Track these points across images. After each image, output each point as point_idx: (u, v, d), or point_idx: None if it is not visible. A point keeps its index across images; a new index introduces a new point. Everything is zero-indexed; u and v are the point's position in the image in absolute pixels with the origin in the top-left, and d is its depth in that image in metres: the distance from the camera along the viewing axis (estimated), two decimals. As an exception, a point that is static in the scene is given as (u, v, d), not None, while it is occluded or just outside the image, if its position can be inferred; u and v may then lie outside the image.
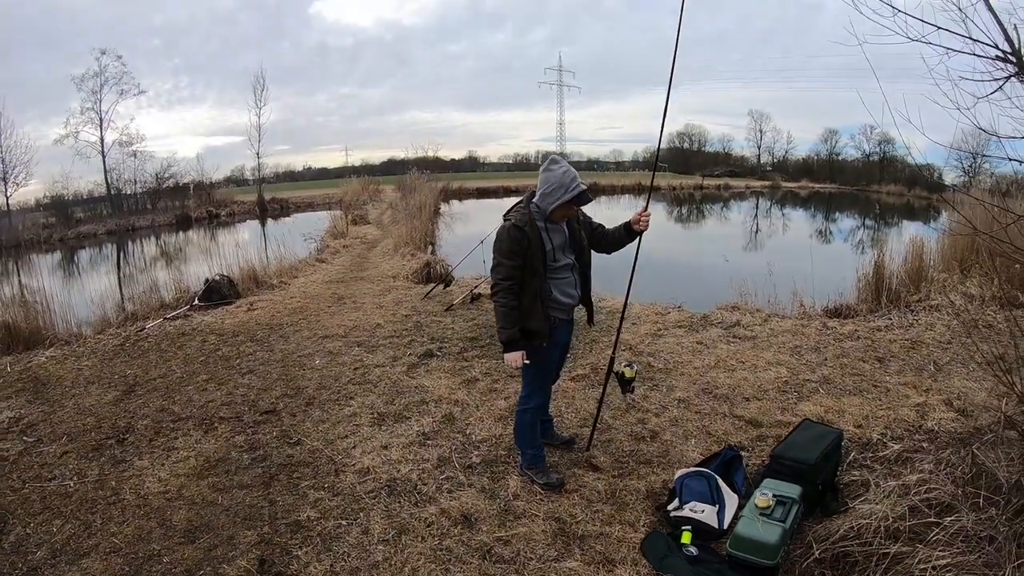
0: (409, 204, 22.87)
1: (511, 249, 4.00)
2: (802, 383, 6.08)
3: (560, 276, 4.18)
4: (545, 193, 4.03)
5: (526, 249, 3.99)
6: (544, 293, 4.08)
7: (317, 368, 7.03)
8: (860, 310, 9.12)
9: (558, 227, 4.17)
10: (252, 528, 4.02)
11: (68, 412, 6.06)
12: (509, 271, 4.01)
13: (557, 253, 4.14)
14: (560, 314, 4.25)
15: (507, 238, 4.01)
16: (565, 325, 4.38)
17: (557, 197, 3.98)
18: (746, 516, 3.53)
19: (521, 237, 3.98)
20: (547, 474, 4.40)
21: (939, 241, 11.11)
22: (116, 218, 37.32)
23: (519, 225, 4.01)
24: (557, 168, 4.02)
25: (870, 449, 4.46)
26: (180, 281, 11.97)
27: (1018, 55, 3.30)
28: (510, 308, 4.03)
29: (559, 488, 4.29)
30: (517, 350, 4.06)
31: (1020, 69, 3.30)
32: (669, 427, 5.18)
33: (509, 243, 4.00)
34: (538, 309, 4.06)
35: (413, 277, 12.68)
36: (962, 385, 5.69)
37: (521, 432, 4.47)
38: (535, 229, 4.04)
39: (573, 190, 3.95)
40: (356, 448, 5.01)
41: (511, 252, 4.00)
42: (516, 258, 4.00)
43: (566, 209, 4.08)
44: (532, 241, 4.00)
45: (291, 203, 46.30)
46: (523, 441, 4.48)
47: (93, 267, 22.64)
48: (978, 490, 3.23)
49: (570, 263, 4.23)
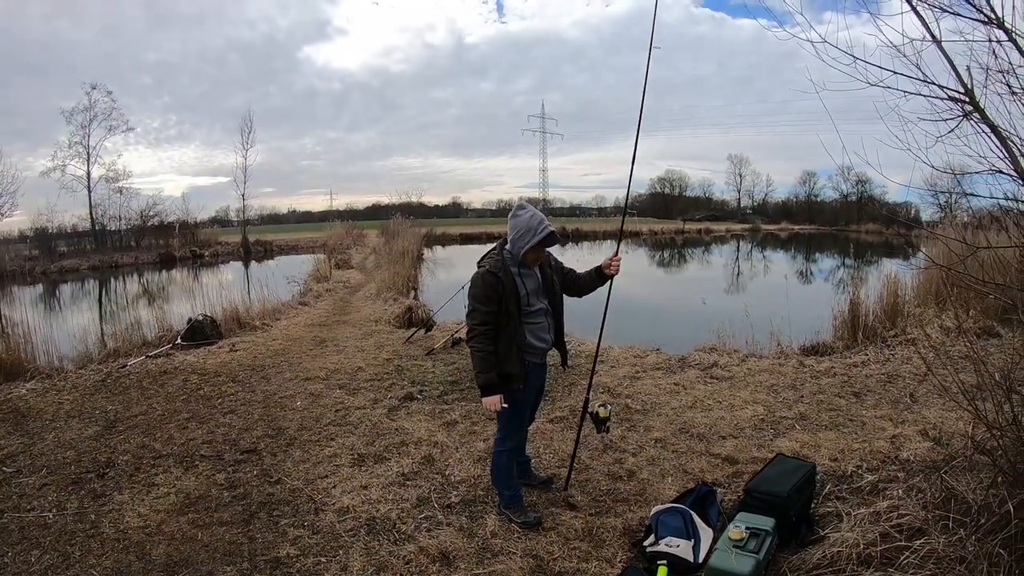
0: (392, 249, 22.96)
1: (485, 295, 4.06)
2: (778, 420, 6.17)
3: (534, 320, 4.26)
4: (515, 239, 4.13)
5: (501, 295, 4.06)
6: (519, 338, 4.14)
7: (298, 409, 7.05)
8: (837, 347, 9.26)
9: (531, 272, 4.27)
10: (232, 564, 4.02)
11: (48, 444, 6.05)
12: (484, 316, 4.07)
13: (531, 298, 4.23)
14: (534, 358, 4.34)
15: (482, 284, 4.09)
16: (538, 368, 4.47)
17: (527, 241, 4.06)
18: (720, 549, 3.58)
19: (495, 283, 4.06)
20: (525, 513, 4.40)
21: (914, 277, 11.32)
22: (99, 254, 37.40)
23: (493, 271, 4.09)
24: (524, 213, 4.13)
25: (845, 481, 4.54)
26: (163, 320, 11.93)
27: (971, 95, 3.44)
28: (486, 353, 4.07)
29: (536, 527, 4.29)
30: (495, 394, 4.08)
31: (974, 108, 3.43)
32: (646, 466, 5.23)
33: (484, 288, 4.07)
34: (514, 353, 4.12)
35: (395, 321, 12.73)
36: (937, 415, 5.78)
37: (498, 473, 4.52)
38: (508, 275, 4.12)
39: (541, 232, 4.04)
40: (336, 487, 5.02)
41: (486, 297, 4.06)
42: (491, 304, 4.06)
43: (537, 252, 4.17)
44: (506, 286, 4.07)
45: (275, 245, 46.38)
46: (500, 482, 4.52)
47: (75, 302, 22.58)
48: (948, 513, 3.32)
49: (543, 307, 4.31)
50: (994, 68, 3.31)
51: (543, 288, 4.32)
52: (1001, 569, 2.78)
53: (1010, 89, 3.28)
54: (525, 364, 4.21)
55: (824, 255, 38.86)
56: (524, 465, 4.93)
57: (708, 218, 76.77)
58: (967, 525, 3.17)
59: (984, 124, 3.38)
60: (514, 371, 4.13)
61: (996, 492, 3.20)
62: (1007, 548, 2.88)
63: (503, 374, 4.11)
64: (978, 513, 3.21)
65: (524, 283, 4.20)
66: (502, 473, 4.48)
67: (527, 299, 4.20)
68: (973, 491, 3.41)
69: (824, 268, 30.33)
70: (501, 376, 4.11)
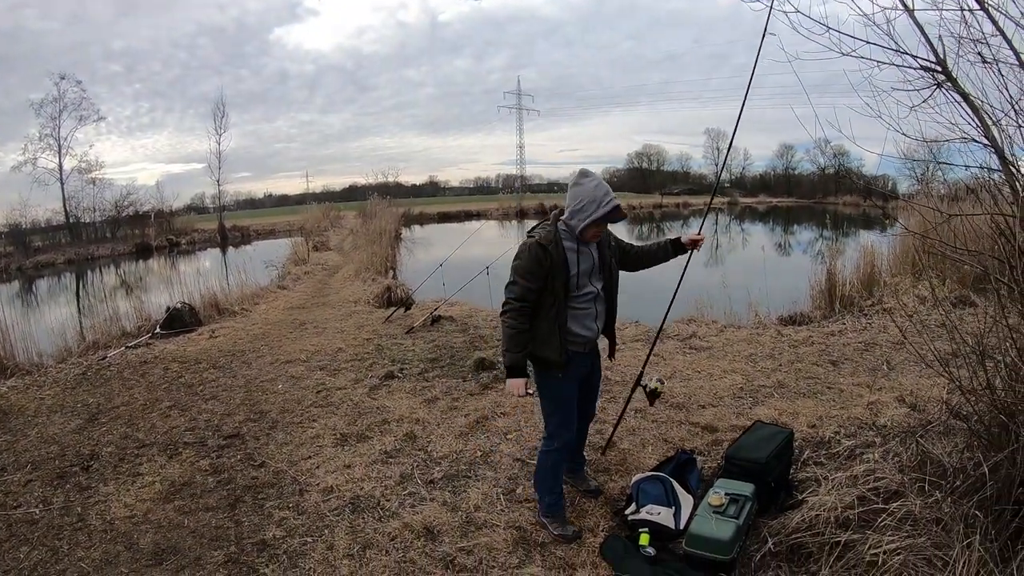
0: (370, 230, 22.98)
1: (530, 268, 3.61)
2: (757, 389, 6.25)
3: (581, 306, 3.75)
4: (576, 209, 3.60)
5: (548, 270, 3.61)
6: (561, 321, 3.69)
7: (280, 392, 7.06)
8: (814, 317, 9.37)
9: (587, 250, 3.75)
10: (219, 548, 4.04)
11: (31, 441, 6.01)
12: (524, 292, 3.63)
13: (582, 279, 3.72)
14: (576, 347, 3.82)
15: (528, 256, 3.63)
16: (583, 358, 3.93)
17: (589, 213, 3.55)
18: (700, 515, 3.64)
19: (544, 257, 3.59)
20: (564, 525, 3.97)
21: (890, 248, 11.42)
22: (75, 247, 36.82)
23: (543, 243, 3.61)
24: (588, 182, 3.61)
25: (823, 447, 4.59)
26: (141, 310, 11.89)
27: (943, 64, 3.46)
28: (519, 331, 3.65)
29: (574, 540, 3.89)
30: (521, 376, 3.67)
31: (947, 77, 3.46)
32: (626, 436, 5.29)
33: (529, 262, 3.62)
34: (555, 337, 3.68)
35: (374, 301, 12.75)
36: (914, 382, 5.86)
37: (541, 475, 4.05)
38: (560, 250, 3.63)
39: (606, 205, 3.53)
40: (320, 468, 5.05)
41: (529, 272, 3.61)
42: (535, 280, 3.62)
43: (598, 227, 3.64)
44: (555, 263, 3.60)
45: (252, 231, 46.03)
46: (540, 486, 4.06)
47: (52, 297, 22.28)
48: (924, 476, 3.36)
49: (594, 292, 3.79)
50: (966, 37, 3.33)
51: (598, 269, 3.82)
52: (977, 530, 2.81)
53: (982, 58, 3.29)
54: (567, 351, 3.75)
55: (802, 227, 39.07)
56: (578, 465, 4.51)
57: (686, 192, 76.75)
58: (943, 487, 3.21)
59: (956, 93, 3.40)
60: (553, 357, 3.72)
61: (971, 455, 3.25)
62: (982, 509, 2.92)
63: (539, 357, 3.77)
64: (953, 476, 3.25)
65: (579, 260, 3.70)
66: (545, 476, 4.02)
67: (576, 280, 3.70)
68: (949, 455, 3.46)
69: (802, 240, 30.47)
70: (537, 360, 3.80)
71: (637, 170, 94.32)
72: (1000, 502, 2.94)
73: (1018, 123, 3.19)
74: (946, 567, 2.74)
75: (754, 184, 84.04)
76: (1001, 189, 3.38)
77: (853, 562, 3.05)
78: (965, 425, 3.43)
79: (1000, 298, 3.21)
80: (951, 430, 3.79)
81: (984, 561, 2.71)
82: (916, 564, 2.82)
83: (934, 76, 3.47)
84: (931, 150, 3.93)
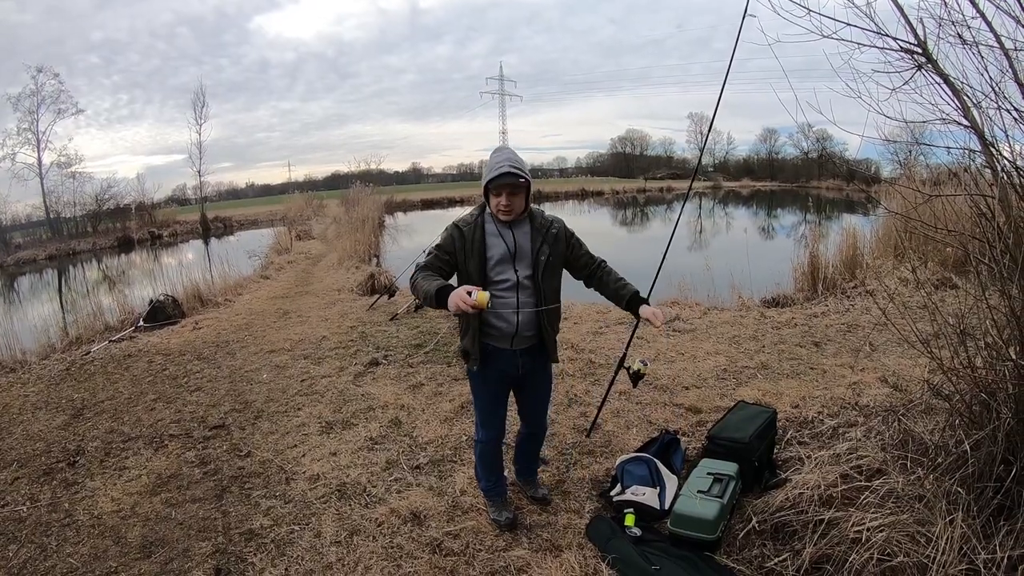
0: (353, 218, 22.89)
1: (440, 244, 3.51)
2: (740, 370, 6.30)
3: (497, 294, 3.45)
4: (482, 183, 3.47)
5: (458, 250, 3.45)
6: None
7: (264, 382, 7.04)
8: (797, 299, 9.44)
9: (511, 234, 3.48)
10: (207, 539, 4.03)
11: (16, 438, 5.95)
12: (429, 261, 3.46)
13: (500, 265, 3.47)
14: (494, 341, 3.59)
15: (443, 234, 3.54)
16: (507, 355, 3.62)
17: (483, 182, 3.41)
18: (685, 495, 3.66)
19: (457, 236, 3.45)
20: (500, 510, 3.96)
21: (872, 231, 11.51)
22: (56, 242, 36.39)
23: (458, 224, 3.50)
24: (492, 156, 3.47)
25: (806, 427, 4.64)
26: (124, 303, 11.76)
27: (923, 46, 3.47)
28: (424, 276, 3.33)
29: (508, 528, 3.87)
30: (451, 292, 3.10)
31: (927, 59, 3.46)
32: (611, 418, 5.32)
33: (441, 240, 3.52)
34: (471, 328, 3.55)
35: (358, 289, 12.73)
36: (896, 363, 5.92)
37: (476, 461, 4.07)
38: (479, 231, 3.45)
39: (497, 169, 3.31)
40: (306, 456, 5.04)
41: (439, 247, 3.50)
42: (443, 253, 3.47)
43: (498, 197, 3.36)
44: (469, 243, 3.43)
45: (235, 221, 45.63)
46: (477, 470, 4.10)
47: (35, 294, 21.98)
48: (906, 453, 3.39)
49: (512, 281, 3.48)
50: (947, 19, 3.34)
51: (521, 255, 3.50)
52: (959, 507, 2.83)
53: (962, 40, 3.29)
54: (482, 344, 3.58)
55: (785, 211, 39.18)
56: (529, 472, 4.32)
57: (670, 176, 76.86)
58: (925, 465, 3.24)
59: (937, 76, 3.41)
60: (467, 346, 3.60)
61: (953, 433, 3.27)
62: (965, 487, 2.95)
63: (461, 348, 3.68)
64: (935, 453, 3.28)
65: (503, 243, 3.46)
66: (477, 464, 4.07)
67: (491, 264, 3.46)
68: (931, 433, 3.50)
69: (785, 224, 30.56)
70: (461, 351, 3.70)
71: (621, 155, 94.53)
72: (982, 479, 2.97)
73: (998, 105, 3.20)
74: (929, 543, 2.76)
75: (737, 168, 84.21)
76: (982, 171, 3.40)
77: (837, 539, 3.06)
78: (947, 404, 3.46)
79: (981, 278, 3.24)
80: (933, 409, 3.83)
81: (967, 537, 2.74)
82: (899, 541, 2.83)
83: (915, 58, 3.47)
84: (912, 132, 3.94)
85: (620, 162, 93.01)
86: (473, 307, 3.00)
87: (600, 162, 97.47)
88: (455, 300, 3.00)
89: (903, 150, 4.91)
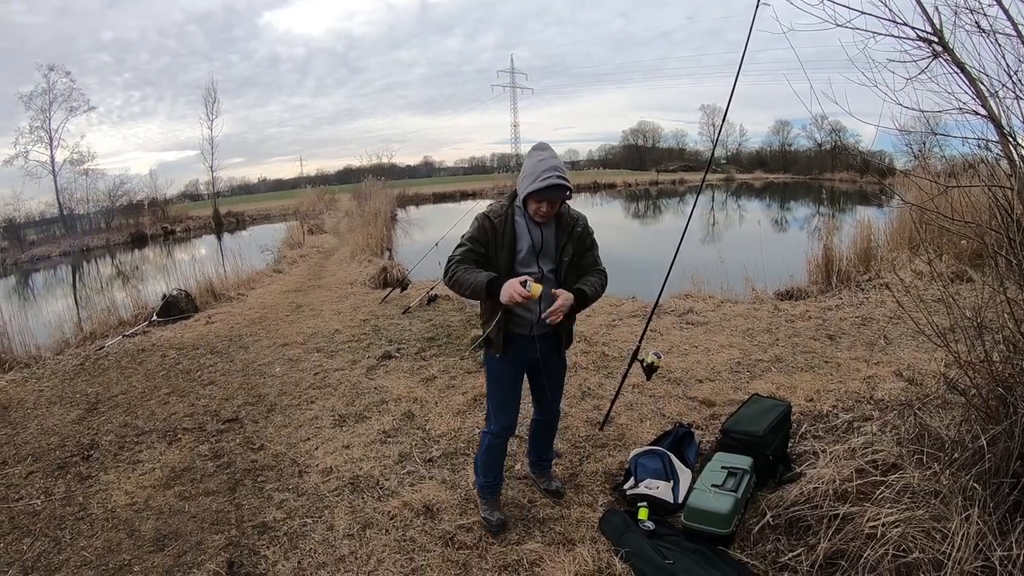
0: (365, 211, 22.89)
1: (472, 235, 3.49)
2: (754, 363, 6.27)
3: None
4: (520, 180, 3.47)
5: (490, 241, 3.47)
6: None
7: (277, 375, 7.06)
8: (811, 292, 9.37)
9: (539, 229, 3.53)
10: (220, 532, 4.04)
11: (31, 433, 5.99)
12: (464, 254, 3.45)
13: (527, 257, 3.50)
14: (518, 328, 3.62)
15: (474, 225, 3.52)
16: (528, 341, 3.67)
17: (526, 185, 3.37)
18: (699, 489, 3.64)
19: (489, 227, 3.47)
20: (491, 510, 3.90)
21: (887, 223, 11.42)
22: (70, 238, 36.58)
23: (489, 215, 3.50)
24: (536, 154, 3.46)
25: (821, 420, 4.61)
26: (138, 298, 11.85)
27: (940, 35, 3.42)
28: (467, 269, 3.41)
29: (496, 531, 3.81)
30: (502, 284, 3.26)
31: (944, 48, 3.41)
32: (624, 411, 5.31)
33: (472, 231, 3.51)
34: (496, 314, 3.49)
35: (370, 282, 12.72)
36: (911, 357, 5.88)
37: (479, 455, 3.96)
38: (509, 223, 3.48)
39: (542, 180, 3.28)
40: (318, 449, 5.06)
41: (472, 238, 3.48)
42: (477, 245, 3.47)
43: (538, 203, 3.39)
44: (500, 235, 3.46)
45: (247, 216, 45.79)
46: (477, 466, 3.97)
47: (49, 289, 22.14)
48: (922, 448, 3.37)
49: (538, 274, 3.51)
50: (963, 7, 3.29)
51: (547, 251, 3.56)
52: (975, 502, 2.81)
53: (979, 28, 3.25)
54: (507, 331, 3.59)
55: (798, 203, 38.97)
56: (543, 463, 4.31)
57: (682, 169, 76.43)
58: (941, 460, 3.21)
59: (953, 65, 3.36)
60: (492, 334, 3.56)
61: (969, 428, 3.24)
62: (981, 482, 2.92)
63: (486, 339, 3.62)
64: (951, 448, 3.25)
65: (530, 236, 3.49)
66: (479, 456, 3.95)
67: (521, 256, 3.50)
68: (947, 428, 3.46)
69: (798, 216, 30.41)
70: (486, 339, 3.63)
71: (632, 147, 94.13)
72: (998, 475, 2.94)
73: (1016, 94, 3.16)
74: (944, 539, 2.74)
75: (750, 160, 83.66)
76: (999, 161, 3.35)
77: (852, 535, 3.03)
78: (963, 398, 3.42)
79: (999, 271, 3.20)
80: (949, 403, 3.79)
81: (983, 534, 2.71)
82: (915, 536, 2.81)
83: (931, 47, 3.43)
84: (928, 122, 3.89)
85: (632, 154, 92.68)
86: (527, 298, 3.15)
87: (612, 154, 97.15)
88: (510, 291, 3.17)
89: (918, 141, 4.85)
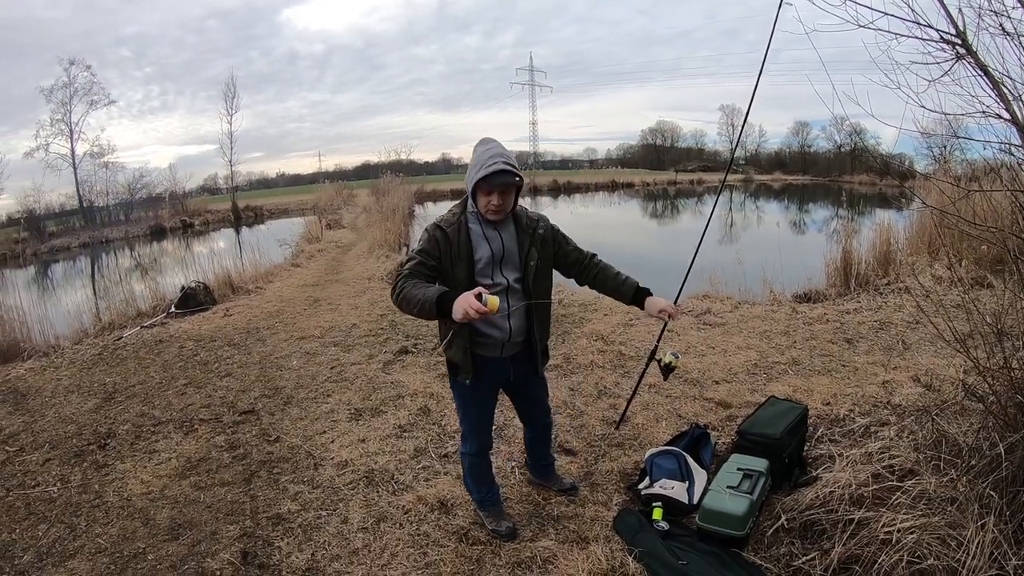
0: (383, 207, 22.97)
1: (423, 248, 3.18)
2: (771, 365, 6.23)
3: None
4: (467, 179, 3.22)
5: (443, 254, 3.18)
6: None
7: (294, 368, 7.09)
8: (829, 295, 9.29)
9: (497, 235, 3.28)
10: (234, 523, 4.07)
11: (49, 421, 6.05)
12: (414, 267, 3.12)
13: (487, 268, 3.24)
14: (486, 351, 3.40)
15: (424, 237, 3.23)
16: (499, 363, 3.47)
17: (471, 177, 3.12)
18: (714, 490, 3.63)
19: (441, 238, 3.18)
20: (498, 520, 3.79)
21: (907, 227, 11.33)
22: (89, 230, 36.90)
23: (440, 224, 3.22)
24: (480, 147, 3.21)
25: (837, 424, 4.57)
26: (156, 290, 11.88)
27: (963, 37, 3.39)
28: (414, 284, 3.02)
29: (508, 538, 3.70)
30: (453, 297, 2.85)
31: (967, 50, 3.39)
32: (640, 411, 5.29)
33: (422, 243, 3.21)
34: (461, 336, 3.27)
35: (388, 278, 12.64)
36: (929, 362, 5.80)
37: (465, 475, 3.91)
38: (463, 232, 3.20)
39: (489, 166, 3.03)
40: (334, 443, 5.08)
41: (422, 251, 3.17)
42: (428, 258, 3.16)
43: (488, 195, 3.12)
44: (455, 245, 3.18)
45: (265, 210, 45.85)
46: (466, 484, 3.95)
47: (68, 280, 22.25)
48: (939, 454, 3.34)
49: (504, 284, 3.27)
50: (987, 9, 3.26)
51: (510, 258, 3.31)
52: (992, 510, 2.79)
53: (1003, 30, 3.22)
54: (474, 354, 3.35)
55: (817, 205, 38.74)
56: (546, 468, 4.24)
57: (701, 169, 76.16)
58: (958, 467, 3.19)
59: (977, 67, 3.33)
60: (458, 358, 3.35)
61: (987, 435, 3.22)
62: (998, 490, 2.90)
63: (448, 360, 3.46)
64: (969, 455, 3.23)
65: (489, 246, 3.23)
66: (466, 477, 3.89)
67: (481, 266, 3.23)
68: (964, 434, 3.44)
69: (817, 218, 30.23)
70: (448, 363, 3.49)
71: (651, 147, 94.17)
72: (1016, 483, 2.92)
73: (1040, 99, 3.14)
74: (960, 547, 2.72)
75: (769, 161, 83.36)
76: (1021, 165, 3.32)
77: (866, 540, 3.01)
78: (981, 405, 3.40)
79: (1020, 276, 3.17)
80: (967, 410, 3.76)
81: (998, 542, 2.69)
82: (930, 543, 2.79)
83: (954, 49, 3.40)
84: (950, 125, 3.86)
85: (651, 154, 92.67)
86: (484, 313, 2.76)
87: (630, 154, 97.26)
88: (463, 306, 2.75)
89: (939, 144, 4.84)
